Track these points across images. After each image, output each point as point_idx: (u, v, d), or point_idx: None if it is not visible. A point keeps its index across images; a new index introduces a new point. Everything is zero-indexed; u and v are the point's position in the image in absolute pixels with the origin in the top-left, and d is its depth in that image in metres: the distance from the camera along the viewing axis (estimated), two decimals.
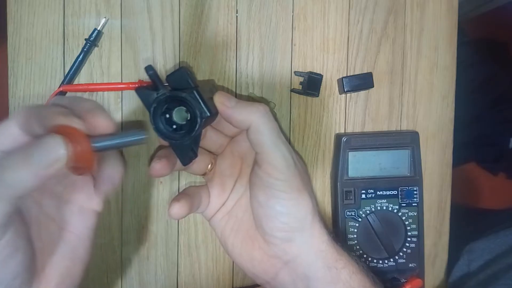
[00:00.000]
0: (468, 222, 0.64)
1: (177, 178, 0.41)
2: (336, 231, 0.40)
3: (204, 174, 0.37)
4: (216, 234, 0.37)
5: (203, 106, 0.29)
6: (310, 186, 0.33)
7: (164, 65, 0.40)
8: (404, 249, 0.40)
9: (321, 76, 0.40)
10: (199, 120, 0.29)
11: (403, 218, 0.40)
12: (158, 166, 0.31)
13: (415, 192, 0.41)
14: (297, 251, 0.31)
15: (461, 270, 0.46)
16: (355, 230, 0.40)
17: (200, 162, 0.35)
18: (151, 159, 0.40)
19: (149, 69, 0.29)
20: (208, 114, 0.29)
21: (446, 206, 0.43)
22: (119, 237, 0.40)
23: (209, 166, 0.36)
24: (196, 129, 0.29)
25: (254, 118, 0.29)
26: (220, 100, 0.31)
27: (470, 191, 1.06)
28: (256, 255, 0.33)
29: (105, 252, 0.40)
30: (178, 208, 0.32)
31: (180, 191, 0.41)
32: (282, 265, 0.32)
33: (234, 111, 0.30)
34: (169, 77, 0.31)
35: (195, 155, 0.31)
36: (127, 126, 0.40)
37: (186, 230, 0.41)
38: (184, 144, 0.30)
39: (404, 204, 0.40)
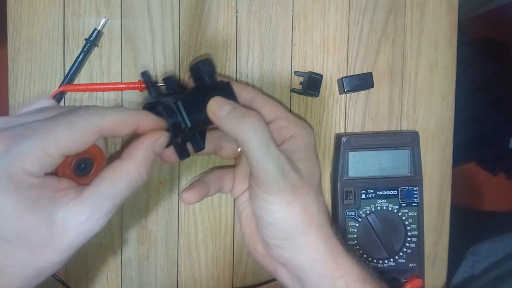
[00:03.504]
0: (470, 223, 0.64)
1: (177, 178, 0.41)
2: (336, 231, 0.40)
3: (234, 158, 0.38)
4: (237, 215, 0.38)
5: (185, 116, 0.29)
6: (310, 195, 0.31)
7: (164, 65, 0.40)
8: (404, 249, 0.40)
9: (321, 76, 0.40)
10: (171, 131, 0.29)
11: (403, 218, 0.40)
12: (170, 151, 0.32)
13: (415, 192, 0.41)
14: (290, 257, 0.31)
15: (465, 272, 0.46)
16: (355, 230, 0.40)
17: (228, 148, 0.36)
18: None
19: (144, 75, 0.31)
20: (189, 125, 0.29)
21: (446, 206, 0.43)
22: (119, 237, 0.40)
23: (239, 149, 0.36)
24: (171, 138, 0.29)
25: (240, 132, 0.29)
26: (211, 109, 0.30)
27: (470, 191, 1.06)
28: (258, 248, 0.34)
29: (105, 252, 0.40)
30: (188, 196, 0.34)
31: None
32: (279, 264, 0.33)
33: (223, 122, 0.30)
34: (191, 68, 0.33)
35: (200, 148, 0.32)
36: None
37: (186, 230, 0.41)
38: (176, 143, 0.30)
39: (404, 204, 0.40)
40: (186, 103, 0.29)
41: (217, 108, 0.30)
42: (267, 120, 0.33)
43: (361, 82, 0.40)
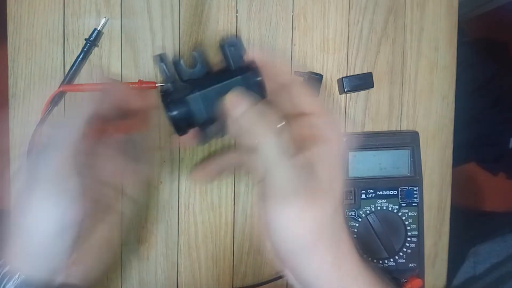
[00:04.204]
0: (470, 224, 0.64)
1: (177, 178, 0.41)
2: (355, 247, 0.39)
3: None
4: (254, 200, 0.36)
5: (199, 110, 0.28)
6: (325, 207, 0.28)
7: None
8: (404, 249, 0.40)
9: (321, 76, 0.40)
10: (173, 126, 0.28)
11: (403, 218, 0.40)
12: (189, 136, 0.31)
13: (415, 192, 0.41)
14: (295, 265, 0.30)
15: (467, 272, 0.46)
16: (355, 230, 0.40)
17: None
18: None
19: (161, 59, 0.28)
20: (201, 121, 0.28)
21: (446, 206, 0.43)
22: (119, 237, 0.40)
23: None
24: (176, 131, 0.29)
25: (252, 139, 0.27)
26: (225, 108, 0.28)
27: (470, 191, 1.06)
28: (267, 245, 0.32)
29: None
30: (199, 175, 0.34)
31: (180, 191, 0.41)
32: (285, 267, 0.31)
33: (236, 125, 0.28)
34: (220, 47, 0.29)
35: (222, 134, 0.31)
36: None
37: (186, 230, 0.41)
38: (199, 125, 0.29)
39: (404, 204, 0.40)
40: (203, 94, 0.28)
41: (231, 106, 0.28)
42: (299, 112, 0.29)
43: (361, 82, 0.40)
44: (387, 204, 0.40)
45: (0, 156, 0.44)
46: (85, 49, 0.38)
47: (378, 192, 0.40)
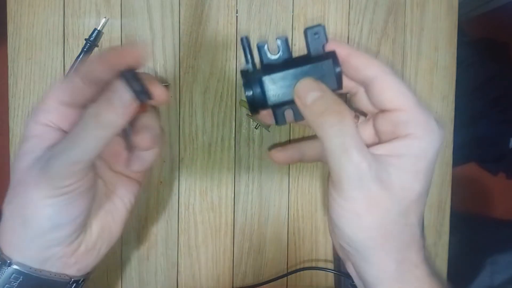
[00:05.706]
0: (488, 232, 0.62)
1: (177, 178, 0.41)
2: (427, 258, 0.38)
3: None
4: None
5: (267, 94, 0.28)
6: (392, 213, 0.26)
7: (164, 65, 0.40)
8: None
9: None
10: (248, 105, 0.28)
11: None
12: (267, 112, 0.30)
13: None
14: (355, 262, 0.28)
15: (483, 281, 0.44)
16: None
17: None
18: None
19: (244, 41, 0.28)
20: (269, 103, 0.28)
21: (446, 206, 0.43)
22: (119, 237, 0.40)
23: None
24: (250, 110, 0.29)
25: (319, 128, 0.26)
26: (297, 93, 0.27)
27: (470, 191, 1.06)
28: (332, 234, 0.31)
29: None
30: (278, 156, 0.32)
31: (180, 191, 0.41)
32: (347, 258, 0.30)
33: (305, 111, 0.27)
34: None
35: (300, 118, 0.30)
36: None
37: (186, 230, 0.41)
38: (274, 106, 0.29)
39: None
40: (276, 76, 0.28)
41: (302, 93, 0.27)
42: (386, 108, 0.27)
43: None
44: None
45: (0, 156, 0.44)
46: (85, 49, 0.38)
47: None
